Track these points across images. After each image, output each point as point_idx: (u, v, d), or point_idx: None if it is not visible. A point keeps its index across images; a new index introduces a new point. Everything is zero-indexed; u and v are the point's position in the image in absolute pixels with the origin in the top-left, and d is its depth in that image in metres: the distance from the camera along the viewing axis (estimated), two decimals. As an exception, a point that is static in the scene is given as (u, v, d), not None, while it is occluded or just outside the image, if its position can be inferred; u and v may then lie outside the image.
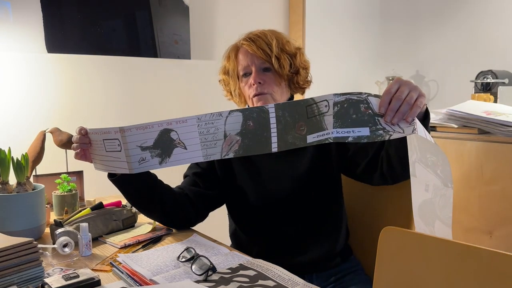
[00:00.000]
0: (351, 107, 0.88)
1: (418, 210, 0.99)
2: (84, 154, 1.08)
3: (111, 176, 1.15)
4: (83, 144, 1.06)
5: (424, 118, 1.00)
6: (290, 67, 1.25)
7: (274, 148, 0.93)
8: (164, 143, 0.94)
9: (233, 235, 1.34)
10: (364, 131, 0.87)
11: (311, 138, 0.90)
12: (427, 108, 1.01)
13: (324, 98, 0.90)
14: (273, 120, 0.93)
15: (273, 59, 1.22)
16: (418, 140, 0.91)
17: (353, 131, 0.87)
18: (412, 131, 0.86)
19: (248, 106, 1.31)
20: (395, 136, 0.87)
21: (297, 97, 1.39)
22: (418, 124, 0.88)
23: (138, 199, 1.19)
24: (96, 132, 1.04)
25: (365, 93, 0.89)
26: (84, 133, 1.06)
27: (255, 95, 1.24)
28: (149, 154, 0.95)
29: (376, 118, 0.87)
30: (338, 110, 0.88)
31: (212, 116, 0.94)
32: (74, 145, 1.07)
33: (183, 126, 0.93)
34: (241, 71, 1.27)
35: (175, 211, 1.23)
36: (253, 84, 1.23)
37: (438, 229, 0.98)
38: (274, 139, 0.93)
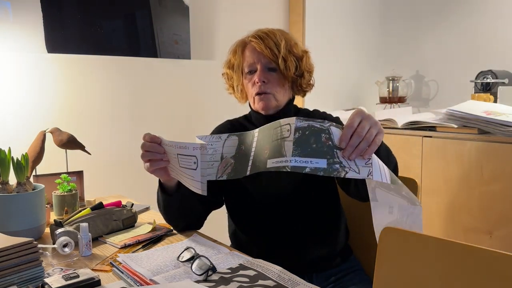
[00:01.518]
0: (312, 135, 0.86)
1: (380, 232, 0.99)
2: (161, 167, 1.04)
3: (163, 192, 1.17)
4: (157, 153, 1.01)
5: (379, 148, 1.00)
6: (296, 69, 1.25)
7: (248, 171, 0.93)
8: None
9: (233, 235, 1.34)
10: (322, 163, 0.84)
11: (271, 163, 0.88)
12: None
13: (287, 121, 0.88)
14: (253, 144, 0.95)
15: (279, 59, 1.22)
16: (380, 184, 0.91)
17: (311, 161, 0.84)
18: (368, 175, 0.85)
19: (249, 103, 1.32)
20: (350, 175, 0.85)
21: (298, 99, 1.39)
22: (375, 166, 0.88)
23: (174, 211, 1.22)
24: (170, 144, 1.00)
25: (328, 123, 0.87)
26: (158, 142, 1.01)
27: (257, 94, 1.23)
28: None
29: (335, 150, 0.86)
30: (299, 137, 0.86)
31: (211, 138, 0.96)
32: (145, 153, 1.02)
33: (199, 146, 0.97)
34: (246, 68, 1.26)
35: (192, 219, 1.26)
36: (257, 83, 1.23)
37: None
38: (250, 162, 0.94)
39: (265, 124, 0.98)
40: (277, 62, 1.22)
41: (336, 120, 1.29)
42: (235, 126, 1.34)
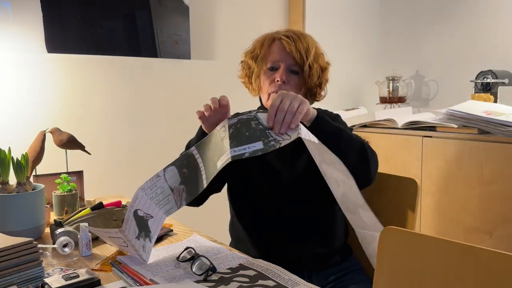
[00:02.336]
0: (243, 126, 0.96)
1: (341, 204, 1.05)
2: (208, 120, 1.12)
3: None
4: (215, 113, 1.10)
5: (317, 121, 1.07)
6: (317, 79, 1.25)
7: (205, 183, 0.99)
8: (141, 223, 1.01)
9: (232, 230, 1.34)
10: (258, 145, 0.94)
11: (219, 164, 0.95)
12: (319, 113, 1.09)
13: (221, 124, 0.99)
14: (199, 160, 1.01)
15: (305, 66, 1.22)
16: (312, 144, 0.98)
17: (248, 147, 0.93)
18: (297, 136, 0.94)
19: (260, 98, 1.31)
20: (285, 143, 0.94)
21: None
22: (302, 129, 0.97)
23: None
24: (99, 231, 1.08)
25: (254, 111, 0.99)
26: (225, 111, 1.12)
27: (274, 92, 1.22)
28: (142, 240, 1.01)
29: (267, 131, 0.96)
30: (233, 131, 0.96)
31: (152, 181, 1.01)
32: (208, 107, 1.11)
33: (140, 202, 1.00)
34: (268, 63, 1.25)
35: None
36: (277, 81, 1.22)
37: (364, 216, 1.01)
38: (203, 176, 1.00)
39: None
40: (302, 68, 1.22)
41: (336, 117, 1.29)
42: None
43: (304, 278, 0.94)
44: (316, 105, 1.34)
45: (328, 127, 1.08)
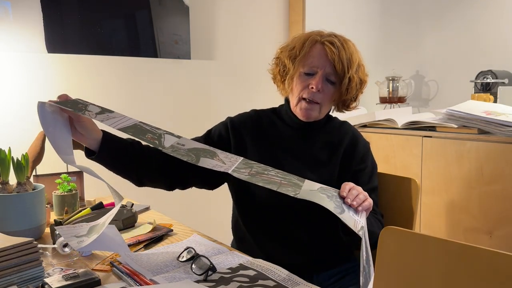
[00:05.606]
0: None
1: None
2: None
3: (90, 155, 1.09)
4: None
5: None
6: (355, 92, 1.20)
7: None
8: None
9: (234, 229, 1.33)
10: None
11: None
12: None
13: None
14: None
15: (345, 78, 1.15)
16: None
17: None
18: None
19: (287, 99, 1.26)
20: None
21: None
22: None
23: (119, 169, 1.14)
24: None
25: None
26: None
27: (307, 101, 1.17)
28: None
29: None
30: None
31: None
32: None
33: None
34: (306, 67, 1.17)
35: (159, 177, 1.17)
36: (311, 88, 1.16)
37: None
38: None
39: (298, 126, 1.19)
40: (342, 79, 1.16)
41: (353, 138, 1.27)
42: (262, 119, 1.28)
43: (305, 279, 0.94)
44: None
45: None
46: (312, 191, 0.94)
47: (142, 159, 1.14)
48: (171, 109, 2.15)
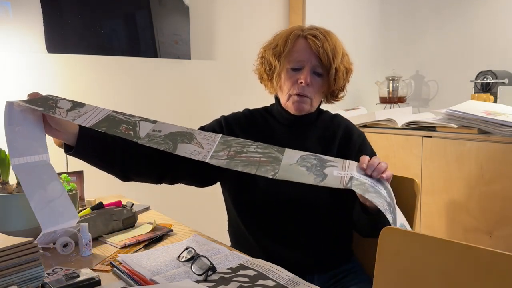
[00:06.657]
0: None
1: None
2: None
3: (68, 150, 1.08)
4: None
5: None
6: (342, 82, 1.21)
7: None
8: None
9: (232, 231, 1.33)
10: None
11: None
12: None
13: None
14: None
15: (332, 69, 1.16)
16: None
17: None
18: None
19: (276, 96, 1.26)
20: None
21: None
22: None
23: (101, 163, 1.13)
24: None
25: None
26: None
27: (297, 94, 1.18)
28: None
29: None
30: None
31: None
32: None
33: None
34: (292, 63, 1.18)
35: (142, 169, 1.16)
36: (300, 83, 1.16)
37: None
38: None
39: (289, 123, 1.19)
40: (328, 70, 1.16)
41: (346, 130, 1.29)
42: (255, 117, 1.29)
43: (305, 279, 0.94)
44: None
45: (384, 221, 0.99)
46: (292, 165, 0.93)
47: (125, 150, 1.11)
48: (171, 109, 2.15)
